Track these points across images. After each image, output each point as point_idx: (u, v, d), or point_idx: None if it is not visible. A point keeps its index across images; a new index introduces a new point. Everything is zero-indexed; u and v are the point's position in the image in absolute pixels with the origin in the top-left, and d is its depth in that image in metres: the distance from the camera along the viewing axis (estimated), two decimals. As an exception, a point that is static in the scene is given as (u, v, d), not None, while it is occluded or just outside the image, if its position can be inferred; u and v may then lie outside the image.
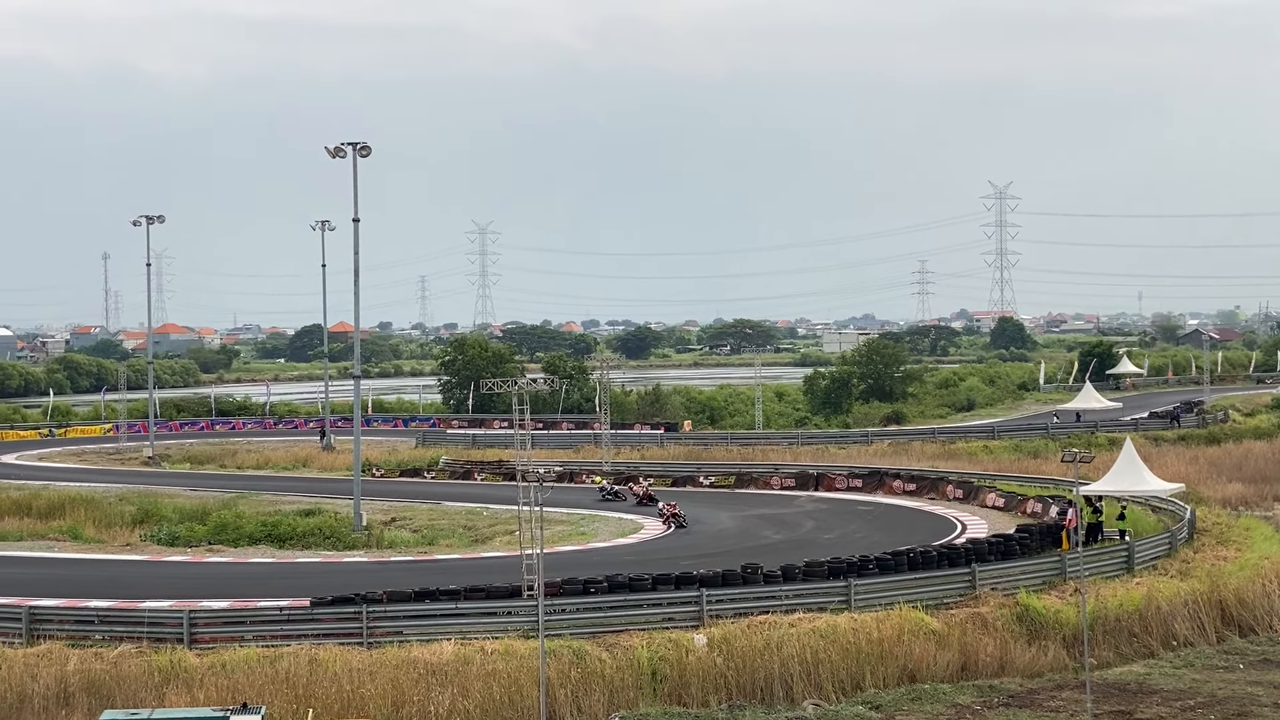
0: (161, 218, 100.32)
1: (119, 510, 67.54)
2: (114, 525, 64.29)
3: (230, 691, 35.04)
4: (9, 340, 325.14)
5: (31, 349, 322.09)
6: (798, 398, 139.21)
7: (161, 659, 37.11)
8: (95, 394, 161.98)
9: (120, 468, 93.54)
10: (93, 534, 61.91)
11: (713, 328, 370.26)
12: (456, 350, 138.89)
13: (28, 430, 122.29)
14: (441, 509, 68.45)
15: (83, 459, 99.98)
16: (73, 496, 71.65)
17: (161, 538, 60.05)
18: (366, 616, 38.30)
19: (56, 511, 67.37)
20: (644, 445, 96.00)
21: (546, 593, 36.77)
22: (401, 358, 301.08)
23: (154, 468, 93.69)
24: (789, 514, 64.04)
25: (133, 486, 78.32)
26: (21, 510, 67.71)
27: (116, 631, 38.98)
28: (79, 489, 75.86)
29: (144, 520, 64.80)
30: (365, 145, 63.93)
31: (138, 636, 38.53)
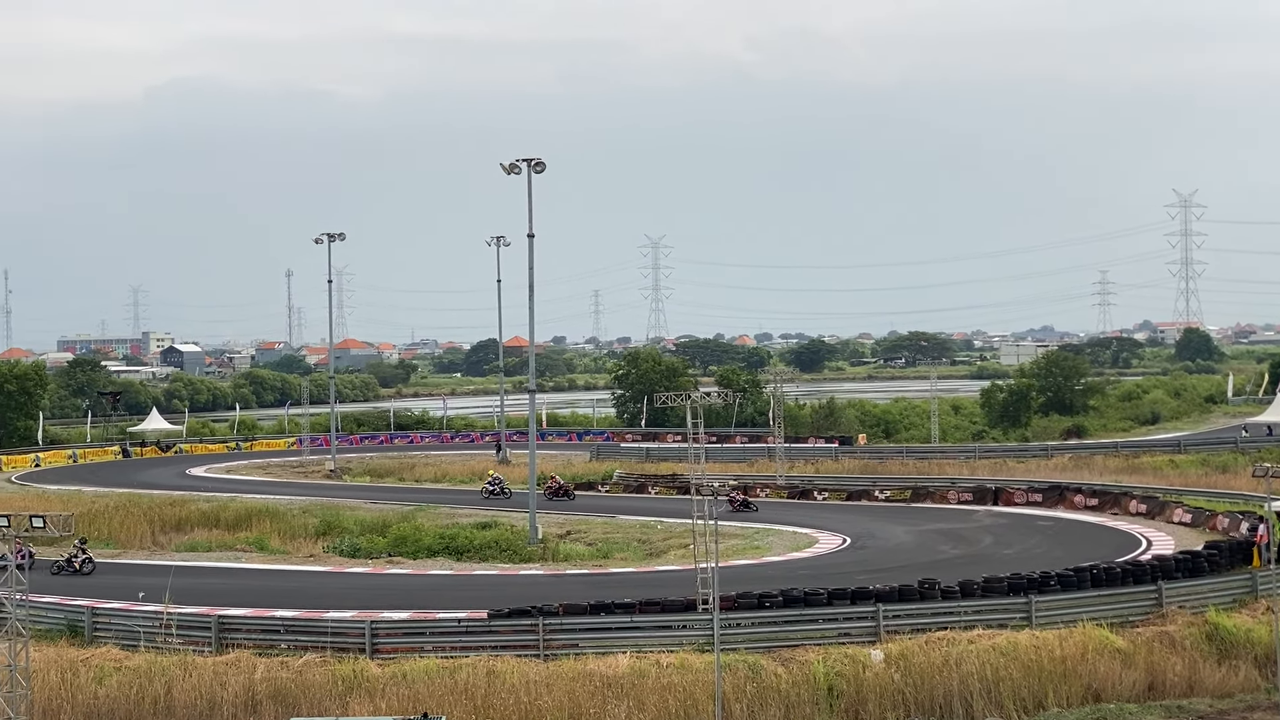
0: (342, 235, 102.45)
1: (303, 522, 68.93)
2: (298, 537, 65.65)
3: (411, 701, 35.61)
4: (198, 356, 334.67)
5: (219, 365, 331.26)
6: (974, 411, 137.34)
7: (344, 668, 37.87)
8: (279, 408, 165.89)
9: (303, 480, 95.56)
10: (278, 545, 63.32)
11: (887, 340, 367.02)
12: (630, 364, 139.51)
13: (216, 444, 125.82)
14: (616, 522, 68.71)
15: (268, 472, 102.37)
16: (259, 508, 73.32)
17: (344, 549, 61.21)
18: (543, 629, 38.62)
19: (244, 523, 69.04)
20: (818, 459, 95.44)
21: (721, 607, 36.77)
22: (575, 372, 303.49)
23: (336, 480, 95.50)
24: (966, 529, 63.15)
25: (316, 499, 79.87)
26: (210, 521, 69.55)
27: (301, 641, 39.88)
28: (265, 501, 77.64)
29: (327, 532, 66.05)
30: (540, 161, 64.60)
31: (322, 646, 39.36)
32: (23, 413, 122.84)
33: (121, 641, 41.44)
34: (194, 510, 72.72)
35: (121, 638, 41.64)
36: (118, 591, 48.07)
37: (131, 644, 41.09)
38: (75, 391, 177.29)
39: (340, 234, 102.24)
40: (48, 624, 42.44)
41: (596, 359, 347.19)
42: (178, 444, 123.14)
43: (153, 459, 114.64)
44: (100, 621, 42.52)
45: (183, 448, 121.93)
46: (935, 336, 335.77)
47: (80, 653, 40.90)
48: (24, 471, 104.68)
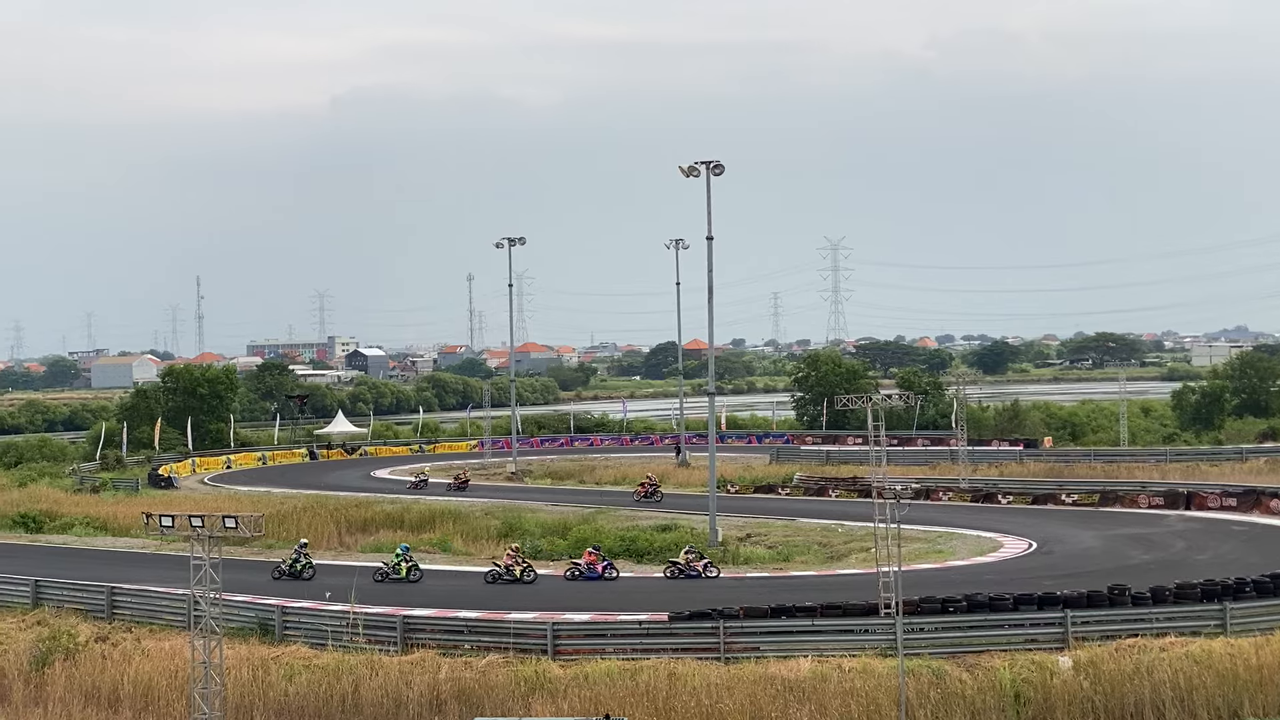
0: (522, 239, 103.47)
1: (485, 524, 69.67)
2: (480, 538, 66.37)
3: (593, 702, 35.76)
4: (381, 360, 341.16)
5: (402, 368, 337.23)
6: (1165, 413, 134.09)
7: (527, 669, 38.17)
8: (461, 411, 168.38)
9: (485, 483, 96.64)
10: (461, 547, 64.10)
11: (1073, 341, 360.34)
12: (809, 366, 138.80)
13: (399, 446, 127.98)
14: (796, 525, 68.35)
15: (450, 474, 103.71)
16: (441, 510, 74.36)
17: (525, 551, 61.63)
18: (724, 631, 38.50)
19: (427, 524, 70.05)
20: (1002, 461, 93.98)
21: (904, 611, 36.31)
22: (754, 374, 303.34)
23: (517, 483, 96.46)
24: (1157, 534, 61.60)
25: (497, 501, 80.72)
26: (395, 523, 70.70)
27: (484, 641, 40.31)
28: (447, 503, 78.70)
29: (508, 534, 66.60)
30: (718, 164, 64.54)
31: (504, 647, 39.75)
32: (215, 416, 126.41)
33: (310, 640, 42.30)
34: (379, 512, 74.02)
35: (310, 636, 42.50)
36: (306, 590, 49.09)
37: (320, 643, 41.90)
38: (264, 395, 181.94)
39: (520, 238, 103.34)
40: (239, 622, 43.44)
41: (776, 361, 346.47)
42: (362, 446, 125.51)
43: (338, 461, 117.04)
44: (290, 620, 43.43)
45: (367, 450, 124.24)
46: (1123, 337, 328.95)
47: (271, 650, 41.85)
48: (216, 473, 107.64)
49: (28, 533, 72.75)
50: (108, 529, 71.33)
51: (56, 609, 48.29)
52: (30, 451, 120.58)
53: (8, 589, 50.92)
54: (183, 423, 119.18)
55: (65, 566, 57.61)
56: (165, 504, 75.85)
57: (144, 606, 47.06)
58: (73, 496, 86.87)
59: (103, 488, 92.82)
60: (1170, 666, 36.82)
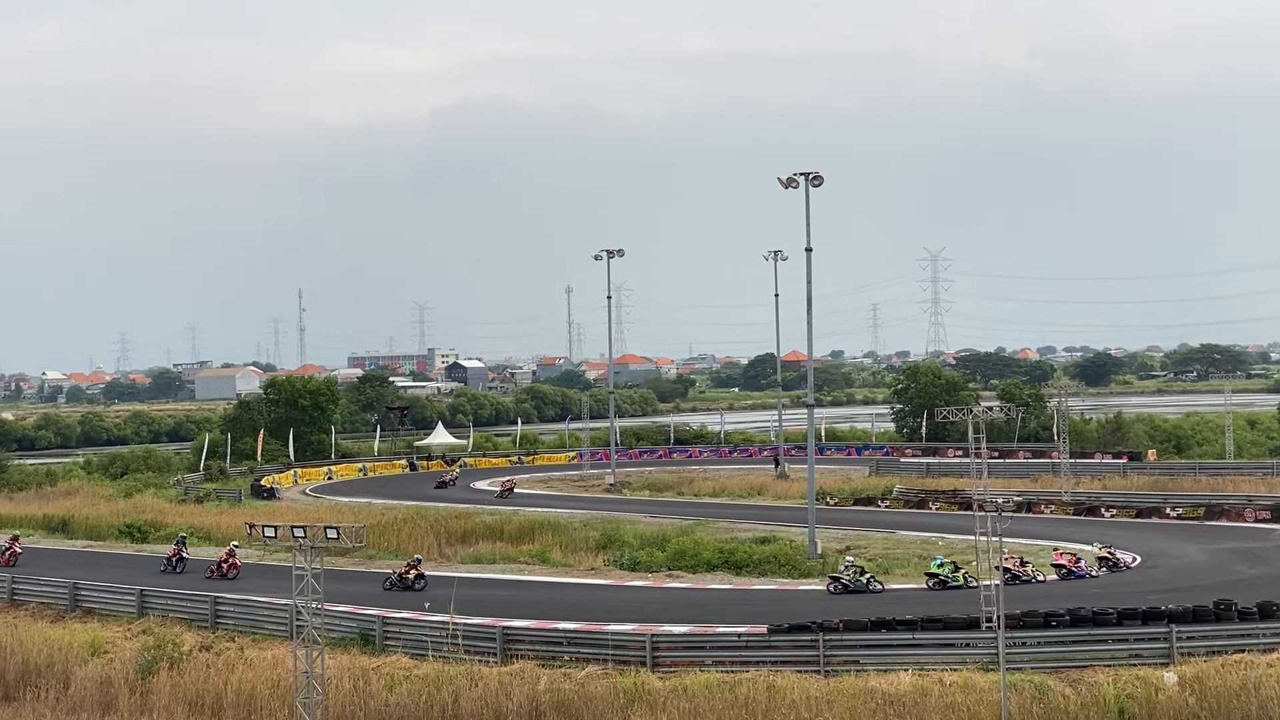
0: (621, 251, 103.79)
1: (583, 535, 69.86)
2: (579, 550, 66.55)
3: (692, 715, 35.81)
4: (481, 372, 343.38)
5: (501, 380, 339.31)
6: (1272, 426, 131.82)
7: (626, 681, 38.23)
8: (560, 423, 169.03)
9: (584, 494, 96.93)
10: (560, 558, 64.32)
11: (1177, 353, 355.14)
12: (909, 378, 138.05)
13: (499, 458, 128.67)
14: (896, 538, 67.93)
15: (549, 485, 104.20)
16: (541, 521, 74.69)
17: (624, 563, 61.78)
18: (823, 644, 38.33)
19: (526, 536, 70.41)
20: (1105, 474, 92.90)
21: (1006, 625, 35.97)
22: (853, 386, 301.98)
23: (615, 494, 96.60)
24: (1264, 548, 60.54)
25: (596, 512, 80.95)
26: (494, 534, 71.14)
27: (583, 653, 40.42)
28: (546, 514, 79.03)
29: (607, 545, 66.76)
30: (817, 175, 64.41)
31: (603, 659, 39.83)
32: (316, 427, 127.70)
33: (410, 650, 42.63)
34: (478, 523, 74.46)
35: (410, 647, 42.83)
36: (407, 601, 49.48)
37: (420, 653, 42.22)
38: (364, 406, 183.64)
39: (619, 250, 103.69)
40: (341, 632, 43.87)
41: (875, 373, 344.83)
42: (462, 458, 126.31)
43: (438, 472, 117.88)
44: (390, 631, 43.79)
45: (467, 461, 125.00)
46: (1229, 349, 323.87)
47: (371, 660, 42.24)
48: (317, 484, 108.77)
49: (133, 542, 73.95)
50: (211, 539, 72.34)
51: (162, 618, 49.06)
52: (136, 462, 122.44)
53: (114, 598, 51.86)
54: (285, 434, 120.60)
55: (169, 576, 58.54)
56: (268, 514, 76.80)
57: (247, 616, 47.67)
58: (177, 507, 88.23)
59: (206, 498, 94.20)
60: (1278, 683, 36.18)
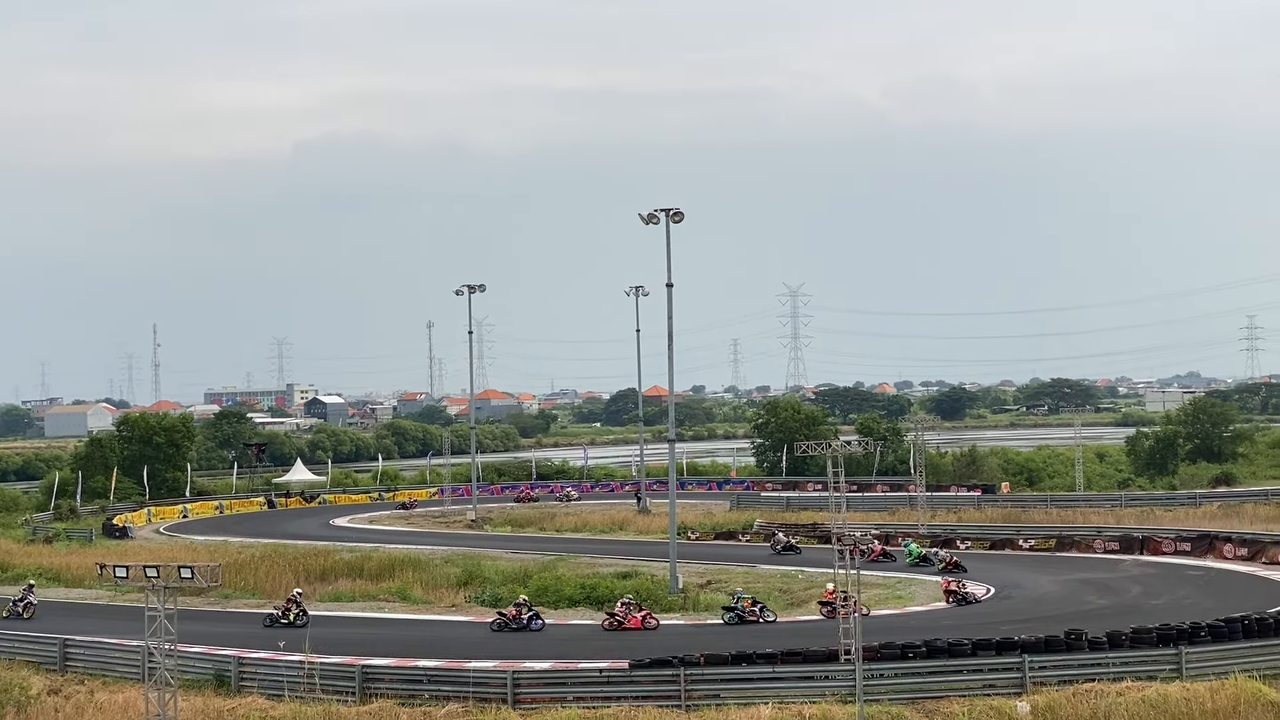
0: (482, 286, 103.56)
1: (445, 572, 69.41)
2: (440, 586, 66.06)
3: (552, 751, 35.61)
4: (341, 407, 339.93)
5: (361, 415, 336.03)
6: (1120, 458, 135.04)
7: (486, 718, 38.00)
8: (421, 459, 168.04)
9: (445, 530, 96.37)
10: (420, 595, 63.81)
11: (1029, 387, 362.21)
12: (769, 413, 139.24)
13: (359, 494, 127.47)
14: (757, 572, 68.40)
15: (410, 522, 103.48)
16: (401, 558, 74.04)
17: (485, 599, 61.50)
18: (684, 679, 38.45)
19: (386, 573, 69.67)
20: (960, 507, 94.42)
21: (864, 657, 36.38)
22: (715, 420, 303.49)
23: (477, 530, 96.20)
24: (1113, 578, 61.95)
25: (457, 549, 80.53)
26: (354, 571, 70.33)
27: (444, 691, 40.12)
28: (407, 551, 78.42)
29: (468, 582, 66.41)
30: (678, 211, 64.85)
31: (464, 696, 39.58)
32: (171, 464, 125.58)
33: (267, 691, 41.99)
34: (338, 560, 73.62)
35: (267, 688, 42.18)
36: (263, 641, 48.74)
37: (276, 694, 41.61)
38: (222, 443, 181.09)
39: (480, 285, 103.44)
40: (195, 674, 43.06)
41: (736, 408, 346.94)
42: (321, 494, 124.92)
43: (297, 509, 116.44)
44: (246, 671, 43.10)
45: (326, 498, 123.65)
46: (1079, 383, 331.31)
47: (226, 702, 41.52)
48: (172, 522, 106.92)
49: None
50: (61, 580, 70.68)
51: (8, 661, 47.78)
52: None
53: (-42, 641, 50.41)
54: (138, 472, 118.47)
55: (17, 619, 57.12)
56: (120, 554, 75.22)
57: (97, 658, 46.64)
58: (25, 547, 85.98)
59: (56, 538, 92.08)
60: (1127, 711, 36.99)
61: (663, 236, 64.73)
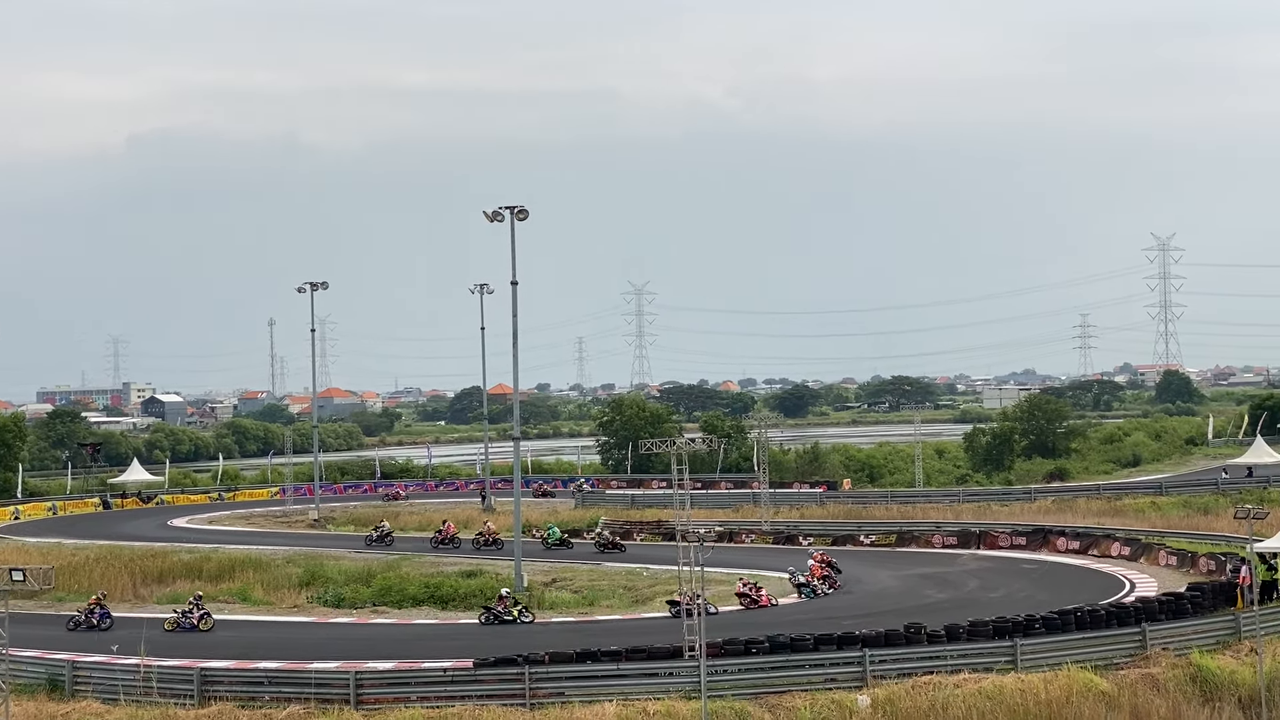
0: (325, 284, 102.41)
1: (286, 572, 68.52)
2: (282, 587, 65.19)
3: (396, 752, 35.35)
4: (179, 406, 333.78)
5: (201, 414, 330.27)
6: (958, 455, 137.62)
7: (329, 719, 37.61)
8: (262, 458, 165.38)
9: (287, 530, 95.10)
10: (261, 596, 62.93)
11: (871, 385, 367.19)
12: (614, 411, 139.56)
13: (198, 494, 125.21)
14: (601, 569, 68.52)
15: (251, 522, 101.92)
16: (242, 559, 72.92)
17: (328, 600, 60.91)
18: (529, 678, 38.42)
19: (226, 574, 68.56)
20: (803, 504, 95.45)
21: (708, 653, 36.65)
22: (560, 419, 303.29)
23: (319, 530, 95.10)
24: (952, 573, 63.14)
25: (299, 549, 79.55)
26: (193, 573, 69.07)
27: (285, 693, 39.62)
28: (248, 551, 77.28)
29: (310, 582, 65.67)
30: (522, 209, 64.71)
31: (305, 698, 39.13)
32: (2, 465, 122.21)
33: (102, 695, 41.11)
34: (176, 562, 72.28)
35: (102, 692, 41.30)
36: (97, 644, 47.67)
37: (112, 698, 40.77)
38: (55, 443, 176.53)
39: (323, 283, 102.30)
40: (28, 678, 42.04)
41: (581, 406, 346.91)
42: (159, 495, 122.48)
43: (134, 510, 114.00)
44: (81, 675, 42.17)
45: (164, 499, 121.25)
46: (918, 381, 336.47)
47: (60, 707, 40.60)
48: (3, 524, 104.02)
49: None
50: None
51: None
52: None
53: None
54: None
55: None
56: (-50, 557, 73.16)
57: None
58: None
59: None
60: (964, 703, 37.71)
61: (507, 234, 64.65)
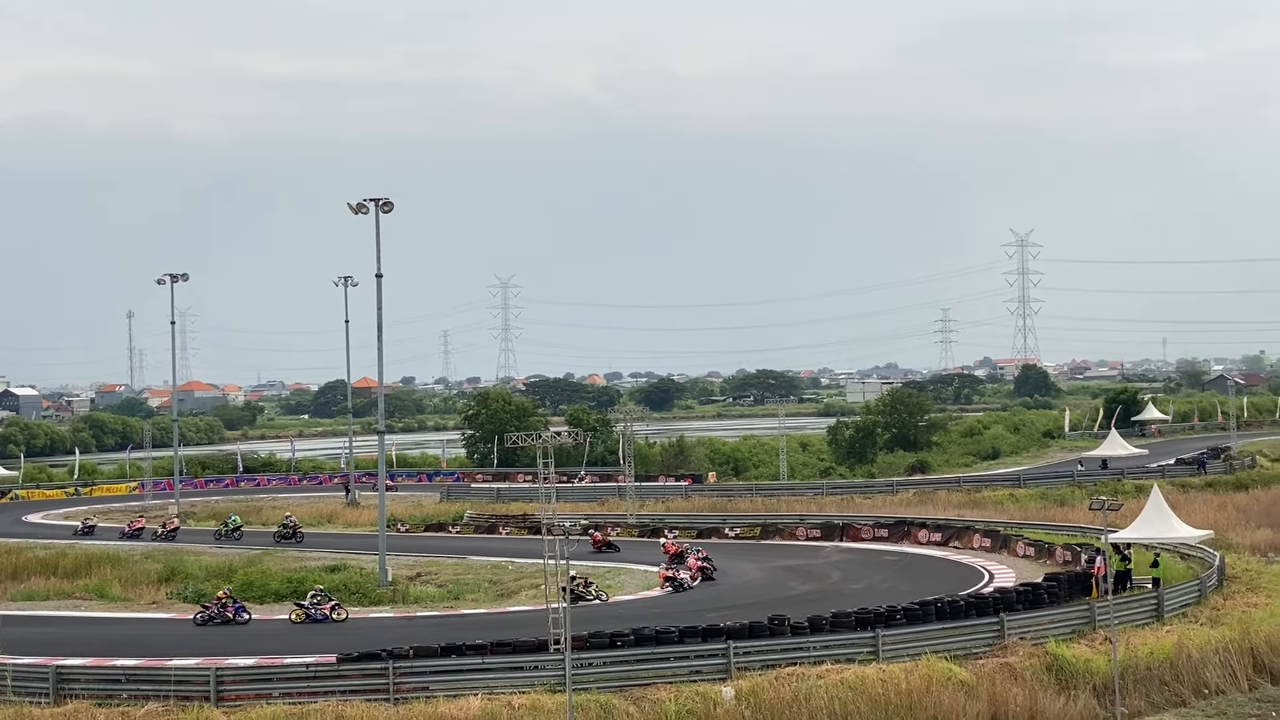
0: (185, 276, 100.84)
1: (145, 568, 67.51)
2: (140, 583, 64.22)
3: (257, 749, 34.97)
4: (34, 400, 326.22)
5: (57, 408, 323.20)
6: (822, 448, 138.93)
7: (188, 716, 37.07)
8: (120, 452, 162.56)
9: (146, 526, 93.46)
10: (119, 592, 61.91)
11: (736, 379, 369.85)
12: (480, 404, 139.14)
13: (54, 489, 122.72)
14: (467, 563, 68.36)
15: (109, 517, 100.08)
16: (99, 555, 71.75)
17: (188, 595, 60.06)
18: (393, 672, 38.17)
19: (83, 570, 67.42)
20: (668, 497, 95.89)
21: (573, 647, 36.68)
22: (425, 412, 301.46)
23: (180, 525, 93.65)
24: (815, 565, 63.81)
25: (158, 545, 78.40)
26: (48, 569, 67.80)
27: (143, 690, 38.89)
28: (105, 547, 76.00)
29: (170, 578, 64.76)
30: (388, 201, 64.25)
31: (164, 695, 38.46)
32: None
33: (-47, 694, 40.15)
34: (30, 558, 70.88)
35: (-46, 691, 40.33)
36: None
37: (-37, 697, 39.83)
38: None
39: (184, 275, 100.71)
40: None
41: (446, 399, 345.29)
42: (12, 490, 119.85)
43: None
44: (-68, 674, 41.16)
45: (18, 494, 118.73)
46: (783, 375, 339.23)
47: (-90, 706, 39.62)
48: None
49: None
50: None
51: None
52: None
53: None
54: None
55: None
56: None
57: None
58: None
59: None
60: (827, 693, 38.09)
61: (372, 227, 64.15)
